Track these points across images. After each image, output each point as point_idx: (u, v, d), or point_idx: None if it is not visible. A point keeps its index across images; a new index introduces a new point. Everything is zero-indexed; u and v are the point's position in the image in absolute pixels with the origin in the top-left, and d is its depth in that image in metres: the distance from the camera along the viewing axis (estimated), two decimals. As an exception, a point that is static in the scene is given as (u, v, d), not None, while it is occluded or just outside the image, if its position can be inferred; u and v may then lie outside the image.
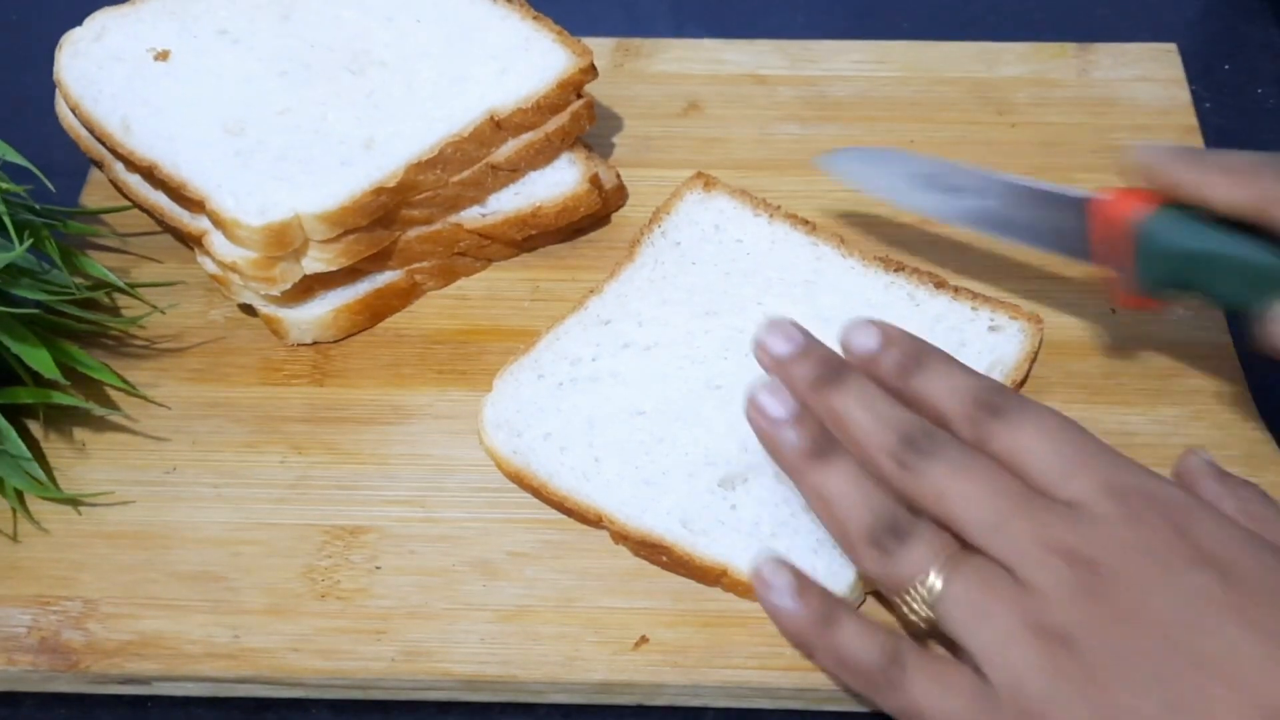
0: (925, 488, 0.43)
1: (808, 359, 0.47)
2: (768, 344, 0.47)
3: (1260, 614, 0.39)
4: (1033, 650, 0.40)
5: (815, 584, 0.45)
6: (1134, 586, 0.40)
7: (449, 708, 0.48)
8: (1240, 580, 0.40)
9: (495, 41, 0.60)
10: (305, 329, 0.56)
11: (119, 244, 0.61)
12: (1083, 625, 0.40)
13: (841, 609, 0.44)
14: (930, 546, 0.43)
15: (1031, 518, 0.41)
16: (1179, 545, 0.40)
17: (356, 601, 0.49)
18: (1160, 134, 0.64)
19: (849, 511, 0.44)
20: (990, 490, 0.42)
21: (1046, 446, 0.43)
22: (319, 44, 0.60)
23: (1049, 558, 0.41)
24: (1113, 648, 0.39)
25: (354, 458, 0.53)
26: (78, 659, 0.48)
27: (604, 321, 0.55)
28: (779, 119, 0.65)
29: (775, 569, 0.45)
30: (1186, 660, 0.39)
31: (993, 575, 0.42)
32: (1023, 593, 0.41)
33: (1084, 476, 0.42)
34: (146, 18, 0.61)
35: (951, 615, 0.42)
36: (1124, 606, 0.40)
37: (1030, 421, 0.44)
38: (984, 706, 0.41)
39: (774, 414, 0.46)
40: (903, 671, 0.42)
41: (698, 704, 0.48)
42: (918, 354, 0.46)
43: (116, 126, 0.57)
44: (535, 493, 0.51)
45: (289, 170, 0.55)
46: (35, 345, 0.52)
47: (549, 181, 0.59)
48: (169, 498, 0.52)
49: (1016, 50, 0.68)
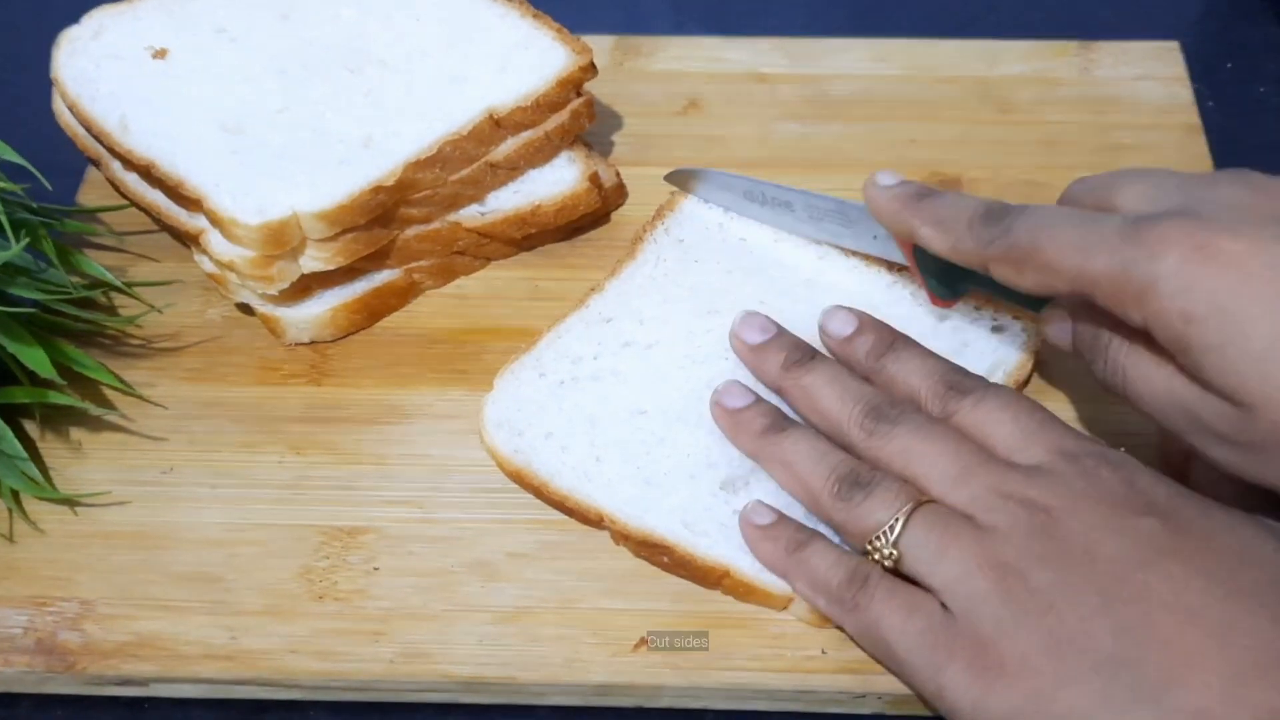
0: (891, 449, 0.47)
1: (779, 345, 0.52)
2: (742, 334, 0.53)
3: (1200, 557, 0.42)
4: (988, 581, 0.43)
5: (792, 519, 0.48)
6: (1085, 528, 0.43)
7: (448, 709, 0.48)
8: (1182, 527, 0.43)
9: (494, 40, 0.60)
10: (303, 328, 0.56)
11: (116, 243, 0.61)
12: (1037, 559, 0.42)
13: (815, 536, 0.47)
14: (892, 493, 0.46)
15: (991, 472, 0.45)
16: (1127, 495, 0.44)
17: (354, 602, 0.49)
18: (1162, 132, 0.63)
19: (811, 469, 0.48)
20: (953, 450, 0.46)
21: (1008, 420, 0.47)
22: (317, 42, 0.60)
23: (1006, 503, 0.44)
24: (1065, 579, 0.42)
25: (352, 458, 0.53)
26: (74, 660, 0.47)
27: (605, 319, 0.55)
28: (779, 117, 0.65)
29: (756, 507, 0.48)
30: (1134, 591, 0.41)
31: (951, 518, 0.45)
32: (981, 534, 0.44)
33: (1041, 444, 0.46)
34: (144, 16, 0.61)
35: (913, 555, 0.44)
36: (1075, 545, 0.42)
37: (993, 399, 0.48)
38: (943, 632, 0.43)
39: (733, 405, 0.51)
40: (869, 592, 0.45)
41: (698, 706, 0.48)
42: (890, 339, 0.51)
43: (114, 125, 0.57)
44: (536, 492, 0.51)
45: (287, 169, 0.55)
46: (32, 344, 0.52)
47: (548, 180, 0.59)
48: (166, 498, 0.52)
49: (1018, 49, 0.68)
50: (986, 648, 0.42)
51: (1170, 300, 0.40)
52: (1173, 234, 0.41)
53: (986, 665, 0.42)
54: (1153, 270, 0.41)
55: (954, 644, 0.43)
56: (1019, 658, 0.41)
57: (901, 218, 0.49)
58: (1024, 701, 0.41)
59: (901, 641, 0.44)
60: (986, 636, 0.42)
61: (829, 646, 0.47)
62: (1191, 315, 0.40)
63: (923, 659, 0.43)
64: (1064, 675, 0.41)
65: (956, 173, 0.62)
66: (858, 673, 0.46)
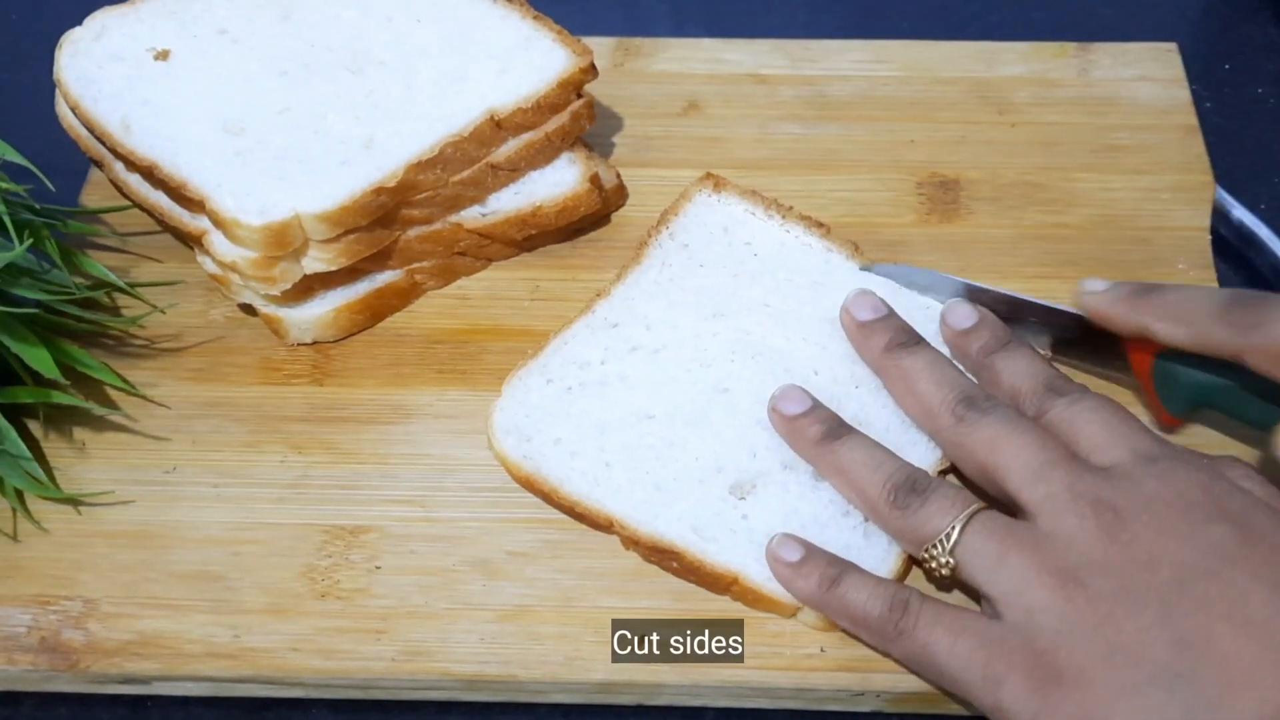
0: (979, 437, 0.47)
1: (887, 326, 0.52)
2: (853, 310, 0.53)
3: (1268, 568, 0.41)
4: (1048, 590, 0.42)
5: (822, 550, 0.47)
6: (1153, 533, 0.42)
7: (449, 707, 0.48)
8: (1256, 537, 0.42)
9: (495, 41, 0.60)
10: (305, 328, 0.56)
11: (119, 243, 0.61)
12: (1099, 566, 0.42)
13: (849, 569, 0.46)
14: (950, 500, 0.46)
15: (1070, 470, 0.44)
16: (1202, 501, 0.43)
17: (356, 601, 0.49)
18: (1161, 133, 0.64)
19: (869, 477, 0.47)
20: (1039, 445, 0.46)
21: (1096, 421, 0.46)
22: (319, 44, 0.60)
23: (1077, 503, 0.43)
24: (1126, 588, 0.41)
25: (354, 457, 0.53)
26: (78, 659, 0.48)
27: (612, 325, 0.55)
28: (779, 118, 0.65)
29: (784, 542, 0.47)
30: (1196, 602, 0.40)
31: (1011, 523, 0.44)
32: (1043, 539, 0.43)
33: (1123, 446, 0.45)
34: (146, 17, 0.61)
35: (972, 563, 0.44)
36: (1141, 551, 0.42)
37: (1087, 402, 0.47)
38: (994, 647, 0.42)
39: (790, 411, 0.50)
40: (911, 618, 0.44)
41: (698, 704, 0.48)
42: (1006, 338, 0.51)
43: (116, 126, 0.57)
44: (546, 498, 0.51)
45: (289, 170, 0.55)
46: (35, 345, 0.52)
47: (549, 181, 0.59)
48: (169, 497, 0.52)
49: (1016, 50, 0.68)
50: (1043, 659, 0.41)
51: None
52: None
53: (1044, 677, 0.41)
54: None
55: (1010, 658, 0.42)
56: (1076, 669, 0.41)
57: (1131, 318, 0.49)
58: (1080, 714, 0.40)
59: (952, 663, 0.43)
60: (1043, 648, 0.41)
61: (828, 645, 0.47)
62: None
63: (977, 676, 0.42)
64: (1120, 687, 0.40)
65: (955, 173, 0.62)
66: (856, 671, 0.47)
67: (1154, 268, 0.58)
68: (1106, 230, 0.60)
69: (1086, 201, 0.61)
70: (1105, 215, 0.60)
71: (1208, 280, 0.58)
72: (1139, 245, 0.59)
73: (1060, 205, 0.61)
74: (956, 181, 0.62)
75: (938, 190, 0.62)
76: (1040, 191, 0.61)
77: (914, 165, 0.63)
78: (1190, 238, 0.59)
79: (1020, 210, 0.61)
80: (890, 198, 0.61)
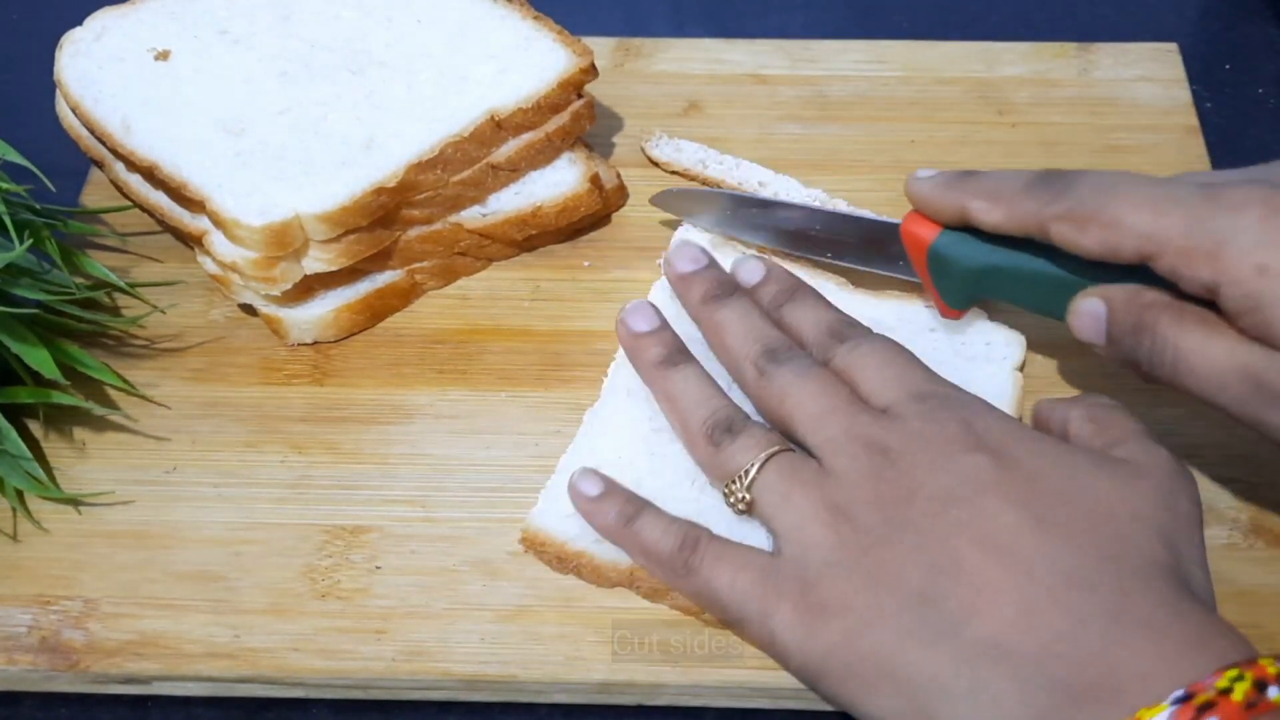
0: (773, 390, 0.49)
1: (704, 277, 0.54)
2: (674, 261, 0.55)
3: (1020, 491, 0.43)
4: (821, 524, 0.45)
5: (622, 487, 0.49)
6: (916, 468, 0.44)
7: (449, 707, 0.48)
8: (1011, 465, 0.44)
9: (495, 41, 0.60)
10: (306, 329, 0.56)
11: (119, 244, 0.61)
12: (866, 501, 0.44)
13: (646, 507, 0.48)
14: (755, 440, 0.48)
15: (848, 414, 0.47)
16: (963, 436, 0.45)
17: (357, 601, 0.49)
18: (1161, 134, 0.64)
19: (692, 409, 0.50)
20: (822, 393, 0.48)
21: (873, 365, 0.48)
22: (319, 44, 0.60)
23: (852, 445, 0.46)
24: (888, 519, 0.44)
25: (354, 457, 0.53)
26: (78, 659, 0.48)
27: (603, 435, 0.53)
28: (779, 119, 0.65)
29: (584, 475, 0.49)
30: (948, 528, 0.43)
31: (801, 465, 0.47)
32: (824, 478, 0.46)
33: (897, 388, 0.47)
34: (147, 18, 0.62)
35: (763, 499, 0.47)
36: (904, 485, 0.44)
37: (866, 345, 0.49)
38: (770, 581, 0.45)
39: (637, 328, 0.53)
40: (699, 555, 0.46)
41: (698, 704, 0.48)
42: (791, 289, 0.53)
43: (117, 126, 0.57)
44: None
45: (289, 170, 0.55)
46: (35, 345, 0.52)
47: (549, 181, 0.59)
48: (169, 497, 0.52)
49: (1017, 50, 0.68)
50: (811, 589, 0.44)
51: (1246, 255, 0.41)
52: (1253, 194, 0.42)
53: (810, 606, 0.43)
54: (1230, 224, 0.42)
55: (781, 588, 0.44)
56: (839, 598, 0.43)
57: (950, 197, 0.50)
58: (840, 639, 0.42)
59: (733, 596, 0.45)
60: (812, 579, 0.44)
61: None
62: (1267, 268, 0.41)
63: (753, 608, 0.45)
64: (875, 612, 0.42)
65: (955, 173, 0.62)
66: (857, 671, 0.47)
67: (1154, 268, 0.58)
68: (1107, 230, 0.60)
69: (1087, 202, 0.61)
70: (1106, 215, 0.60)
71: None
72: (1139, 245, 0.59)
73: (1061, 205, 0.61)
74: (957, 182, 0.62)
75: (938, 190, 0.62)
76: (1040, 192, 0.61)
77: (914, 165, 0.61)
78: (1191, 238, 0.59)
79: (1020, 210, 0.61)
80: (891, 198, 0.61)
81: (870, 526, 0.44)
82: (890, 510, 0.44)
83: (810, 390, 0.48)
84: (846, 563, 0.43)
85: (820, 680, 0.43)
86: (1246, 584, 0.48)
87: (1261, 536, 0.50)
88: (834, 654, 0.43)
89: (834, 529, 0.44)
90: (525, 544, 0.50)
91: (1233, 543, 0.50)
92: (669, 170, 0.63)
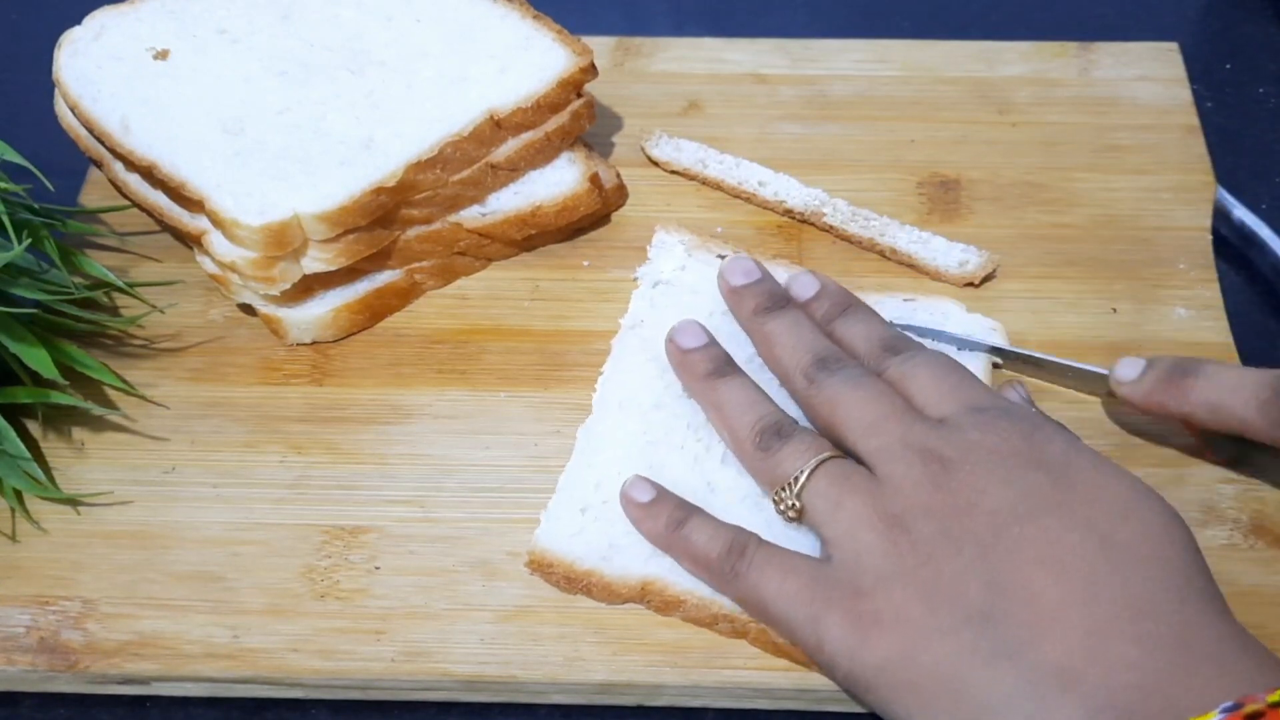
0: (823, 397, 0.48)
1: (756, 290, 0.54)
2: (727, 275, 0.54)
3: (1081, 511, 0.42)
4: (876, 533, 0.44)
5: (673, 494, 0.49)
6: (974, 480, 0.44)
7: (448, 708, 0.48)
8: (1070, 482, 0.43)
9: (495, 41, 0.60)
10: (305, 329, 0.56)
11: (118, 243, 0.61)
12: (923, 511, 0.43)
13: (696, 512, 0.48)
14: (805, 446, 0.47)
15: (902, 423, 0.46)
16: (1023, 449, 0.44)
17: (356, 601, 0.49)
18: (1162, 133, 0.64)
19: (739, 416, 0.49)
20: (875, 401, 0.47)
21: (929, 376, 0.48)
22: (318, 43, 0.60)
23: (907, 453, 0.45)
24: (946, 532, 0.43)
25: (353, 458, 0.53)
26: (77, 659, 0.48)
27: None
28: (780, 118, 0.65)
29: (636, 483, 0.49)
30: (1010, 546, 0.42)
31: (852, 471, 0.46)
32: (877, 486, 0.45)
33: (954, 399, 0.47)
34: (145, 17, 0.61)
35: (813, 505, 0.46)
36: (962, 497, 0.43)
37: (921, 358, 0.49)
38: (821, 586, 0.44)
39: (686, 345, 0.52)
40: (747, 560, 0.46)
41: (697, 704, 0.48)
42: (845, 304, 0.53)
43: (115, 126, 0.57)
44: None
45: (288, 170, 0.55)
46: (34, 345, 0.52)
47: (549, 181, 0.59)
48: (168, 497, 0.52)
49: (1017, 49, 0.68)
50: (864, 599, 0.43)
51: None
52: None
53: (861, 615, 0.43)
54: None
55: (831, 595, 0.44)
56: (894, 609, 0.42)
57: (1168, 409, 0.49)
58: (896, 653, 0.42)
59: (780, 602, 0.45)
60: (866, 588, 0.43)
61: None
62: None
63: (801, 614, 0.44)
64: (934, 627, 0.41)
65: (955, 173, 0.62)
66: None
67: (1155, 268, 0.58)
68: (1107, 230, 0.60)
69: (1087, 201, 0.61)
70: (1106, 215, 0.60)
71: (1208, 280, 0.58)
72: (1140, 245, 0.59)
73: (1061, 205, 0.61)
74: (957, 181, 0.62)
75: (938, 190, 0.62)
76: (1041, 191, 0.61)
77: (914, 165, 0.63)
78: (1191, 238, 0.59)
79: (1021, 210, 0.61)
80: (891, 198, 0.61)
81: (927, 537, 0.43)
82: (948, 521, 0.43)
83: (863, 398, 0.47)
84: (902, 573, 0.43)
85: (869, 692, 0.43)
86: (1246, 584, 0.48)
87: (1261, 536, 0.50)
88: (888, 667, 0.42)
89: (889, 538, 0.43)
90: (532, 566, 0.49)
91: (1233, 543, 0.49)
92: (669, 170, 0.63)
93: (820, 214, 0.60)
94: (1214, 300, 0.57)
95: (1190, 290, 0.57)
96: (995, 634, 0.41)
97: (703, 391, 0.51)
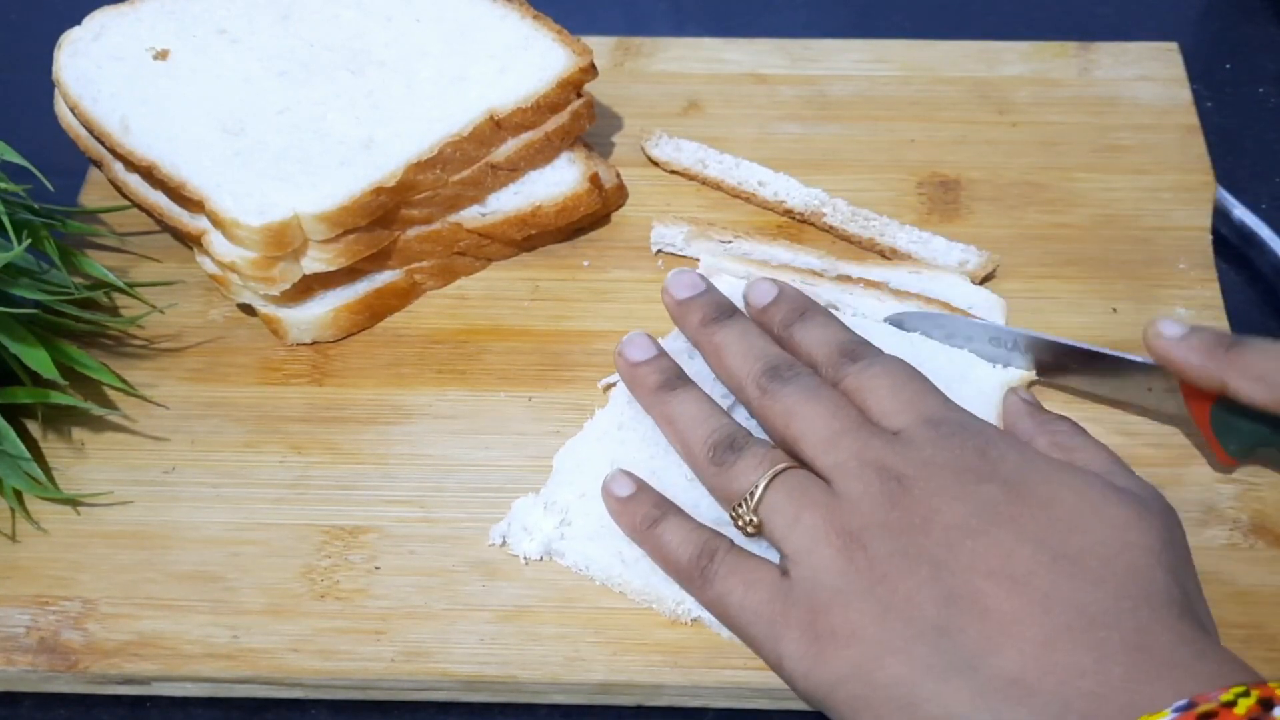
0: (778, 408, 0.48)
1: (702, 302, 0.53)
2: (671, 288, 0.54)
3: (1034, 524, 0.42)
4: (833, 549, 0.44)
5: (653, 490, 0.49)
6: (929, 496, 0.43)
7: (448, 708, 0.48)
8: (1023, 495, 0.43)
9: (495, 41, 0.60)
10: (304, 329, 0.56)
11: (118, 243, 0.61)
12: (880, 528, 0.43)
13: (672, 511, 0.48)
14: (760, 459, 0.47)
15: (859, 438, 0.46)
16: (977, 464, 0.44)
17: (356, 602, 0.49)
18: (1161, 133, 0.64)
19: (693, 431, 0.49)
20: (831, 413, 0.47)
21: (886, 387, 0.48)
22: (318, 44, 0.60)
23: (864, 470, 0.45)
24: (902, 548, 0.43)
25: (353, 458, 0.53)
26: (77, 659, 0.48)
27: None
28: (779, 118, 0.65)
29: (617, 477, 0.49)
30: (964, 560, 0.42)
31: (810, 485, 0.46)
32: (835, 501, 0.45)
33: (909, 411, 0.47)
34: (145, 17, 0.61)
35: (771, 520, 0.46)
36: (918, 513, 0.43)
37: (878, 366, 0.48)
38: (781, 601, 0.44)
39: (634, 357, 0.52)
40: (715, 566, 0.46)
41: (697, 704, 0.48)
42: (802, 309, 0.52)
43: (115, 126, 0.57)
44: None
45: (288, 170, 0.55)
46: (34, 345, 0.52)
47: (549, 181, 0.59)
48: (168, 498, 0.52)
49: (1017, 49, 0.68)
50: (822, 615, 0.43)
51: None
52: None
53: (820, 632, 0.43)
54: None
55: (792, 612, 0.44)
56: (850, 626, 0.42)
57: (1208, 371, 0.48)
58: (851, 669, 0.42)
59: (743, 614, 0.45)
60: (822, 604, 0.43)
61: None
62: None
63: (763, 629, 0.44)
64: (889, 644, 0.41)
65: (955, 173, 0.62)
66: (857, 671, 0.46)
67: (1154, 268, 0.58)
68: (1107, 230, 0.60)
69: (1087, 201, 0.61)
70: (1106, 215, 0.60)
71: (1208, 280, 0.58)
72: (1140, 245, 0.59)
73: (1061, 205, 0.61)
74: (957, 181, 0.62)
75: (938, 190, 0.62)
76: (1041, 191, 0.61)
77: (914, 165, 0.63)
78: (1191, 237, 0.59)
79: (1021, 210, 0.61)
80: (891, 197, 0.61)
81: (884, 555, 0.43)
82: (904, 538, 0.43)
83: (819, 411, 0.47)
84: (858, 591, 0.43)
85: (828, 708, 0.43)
86: (1246, 584, 0.48)
87: (1261, 536, 0.50)
88: (843, 684, 0.42)
89: (846, 554, 0.43)
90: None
91: (1233, 543, 0.49)
92: (669, 170, 0.63)
93: (820, 214, 0.60)
94: (1214, 300, 0.57)
95: (1190, 290, 0.57)
96: (949, 649, 0.40)
97: (653, 405, 0.51)
